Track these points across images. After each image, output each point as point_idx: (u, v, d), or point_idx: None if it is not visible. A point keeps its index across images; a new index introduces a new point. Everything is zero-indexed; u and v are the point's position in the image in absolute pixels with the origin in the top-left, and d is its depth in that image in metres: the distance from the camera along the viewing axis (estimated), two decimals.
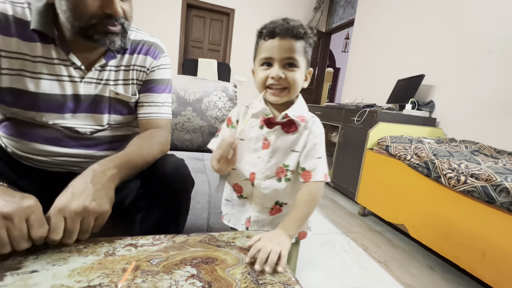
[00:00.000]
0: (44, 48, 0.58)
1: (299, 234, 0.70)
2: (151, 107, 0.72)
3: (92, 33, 0.56)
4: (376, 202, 1.71)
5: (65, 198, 0.43)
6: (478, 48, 1.83)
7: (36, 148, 0.63)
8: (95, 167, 0.51)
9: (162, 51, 0.75)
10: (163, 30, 3.69)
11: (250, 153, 0.65)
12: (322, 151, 0.63)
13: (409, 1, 2.48)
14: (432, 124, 2.04)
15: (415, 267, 1.31)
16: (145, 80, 0.72)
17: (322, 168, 0.62)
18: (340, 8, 4.06)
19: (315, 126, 0.64)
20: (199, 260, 0.44)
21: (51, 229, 0.41)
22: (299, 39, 0.58)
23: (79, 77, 0.62)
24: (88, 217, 0.43)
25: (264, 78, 0.59)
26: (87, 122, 0.66)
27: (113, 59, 0.66)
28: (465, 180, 1.12)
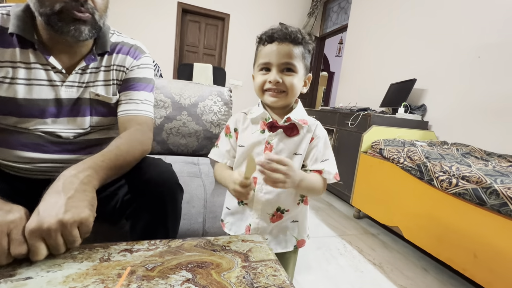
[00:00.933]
0: (22, 53, 0.58)
1: (298, 242, 0.69)
2: (129, 104, 0.70)
3: (58, 19, 0.54)
4: (370, 205, 1.73)
5: (36, 217, 0.39)
6: (467, 53, 1.89)
7: (17, 155, 0.61)
8: (66, 172, 0.47)
9: (143, 52, 0.74)
10: (159, 34, 3.70)
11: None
12: (329, 153, 0.65)
13: (401, 7, 2.54)
14: (424, 127, 2.07)
15: (409, 269, 1.32)
16: (124, 79, 0.71)
17: (331, 168, 0.63)
18: (334, 13, 4.13)
19: (318, 130, 0.65)
20: (194, 264, 0.44)
21: (30, 251, 0.38)
22: (297, 44, 0.59)
23: (60, 81, 0.62)
24: (67, 229, 0.40)
25: (262, 83, 0.61)
26: (69, 126, 0.65)
27: (94, 62, 0.65)
28: (456, 182, 1.14)
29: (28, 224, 0.39)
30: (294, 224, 0.69)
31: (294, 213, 0.68)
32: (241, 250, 0.51)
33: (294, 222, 0.68)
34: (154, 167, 0.64)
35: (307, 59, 0.62)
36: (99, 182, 0.50)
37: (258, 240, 0.55)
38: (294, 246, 0.69)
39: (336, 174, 0.63)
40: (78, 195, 0.44)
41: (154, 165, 0.64)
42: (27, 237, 0.38)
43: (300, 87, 0.62)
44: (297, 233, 0.69)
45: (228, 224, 0.72)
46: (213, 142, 1.38)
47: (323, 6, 4.27)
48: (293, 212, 0.67)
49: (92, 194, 0.47)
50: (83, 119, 0.66)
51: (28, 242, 0.38)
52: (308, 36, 0.61)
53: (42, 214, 0.40)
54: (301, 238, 0.70)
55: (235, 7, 3.95)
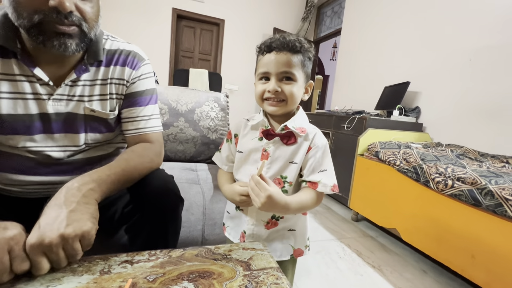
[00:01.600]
0: (4, 63, 0.52)
1: (294, 251, 0.69)
2: (138, 122, 0.67)
3: (37, 32, 0.48)
4: (368, 207, 1.74)
5: (37, 232, 0.39)
6: (459, 56, 1.92)
7: (6, 178, 0.58)
8: (70, 184, 0.47)
9: (142, 59, 0.68)
10: (154, 41, 3.70)
11: (249, 164, 0.66)
12: (327, 163, 0.63)
13: (394, 12, 2.59)
14: (419, 129, 2.10)
15: (408, 271, 1.32)
16: (126, 93, 0.66)
17: (328, 180, 0.61)
18: (327, 18, 4.18)
19: (317, 139, 0.63)
20: (196, 274, 0.44)
21: (32, 267, 0.38)
22: (295, 53, 0.59)
23: (47, 94, 0.56)
24: (69, 243, 0.40)
25: (262, 92, 0.61)
26: (60, 143, 0.60)
27: (86, 73, 0.60)
28: (452, 184, 1.15)
29: (29, 239, 0.38)
30: (291, 233, 0.68)
31: (291, 221, 0.67)
32: (242, 258, 0.50)
33: (291, 230, 0.68)
34: (157, 180, 0.63)
35: (308, 67, 0.62)
36: (101, 196, 0.50)
37: (259, 248, 0.55)
38: (290, 255, 0.68)
39: (333, 186, 0.61)
40: (80, 208, 0.44)
41: (157, 178, 0.63)
42: (29, 253, 0.38)
43: (300, 95, 0.62)
44: (293, 242, 0.68)
45: (228, 228, 0.73)
46: (210, 148, 1.38)
47: (316, 11, 4.33)
48: (289, 220, 0.66)
49: (94, 207, 0.47)
50: (77, 136, 0.62)
51: (30, 258, 0.38)
52: (308, 44, 0.61)
53: (43, 228, 0.39)
54: (298, 247, 0.69)
55: (230, 12, 3.98)
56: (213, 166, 1.32)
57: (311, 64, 0.63)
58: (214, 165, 1.36)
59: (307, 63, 0.62)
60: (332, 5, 4.04)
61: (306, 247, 0.71)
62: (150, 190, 0.60)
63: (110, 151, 0.72)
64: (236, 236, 0.70)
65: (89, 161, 0.67)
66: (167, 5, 3.71)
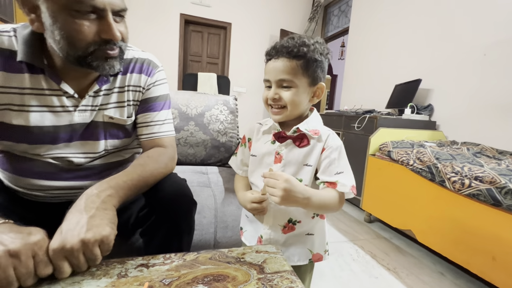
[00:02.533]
0: (33, 78, 0.55)
1: (314, 256, 0.67)
2: (152, 127, 0.69)
3: (91, 60, 0.52)
4: (381, 208, 1.71)
5: (59, 237, 0.41)
6: (473, 50, 1.87)
7: (30, 183, 0.61)
8: (89, 191, 0.49)
9: (156, 66, 0.71)
10: (163, 46, 3.77)
11: (263, 168, 0.66)
12: (344, 165, 0.61)
13: (402, 8, 2.54)
14: (432, 127, 2.05)
15: (425, 274, 1.29)
16: (142, 99, 0.69)
17: (347, 181, 0.59)
18: (334, 17, 4.15)
19: (330, 140, 0.61)
20: (210, 278, 0.44)
21: (55, 270, 0.40)
22: (294, 57, 0.57)
23: (73, 106, 0.59)
24: (89, 248, 0.41)
25: (265, 99, 0.62)
26: (81, 150, 0.63)
27: (107, 83, 0.63)
28: (469, 183, 1.12)
29: (52, 244, 0.40)
30: (309, 237, 0.67)
31: (309, 226, 0.66)
32: (256, 261, 0.50)
33: (309, 235, 0.67)
34: (171, 184, 0.64)
35: (314, 70, 0.58)
36: (118, 202, 0.52)
37: (272, 251, 0.55)
38: (309, 260, 0.67)
39: (352, 187, 0.59)
40: (99, 213, 0.45)
41: (171, 183, 0.65)
42: (52, 257, 0.39)
43: (303, 100, 0.60)
44: (312, 246, 0.67)
45: (246, 233, 0.73)
46: (220, 151, 1.39)
47: (323, 10, 4.30)
48: (306, 224, 0.65)
49: (113, 212, 0.48)
50: (97, 143, 0.64)
51: (53, 262, 0.39)
52: (313, 45, 0.58)
53: (65, 234, 0.41)
54: (317, 252, 0.68)
55: (236, 15, 4.01)
56: (223, 169, 1.33)
57: (322, 64, 0.59)
58: (224, 168, 1.37)
59: (313, 65, 0.58)
60: (339, 4, 4.01)
61: (325, 252, 0.70)
62: (164, 194, 0.61)
63: (126, 156, 0.74)
64: (253, 241, 0.70)
65: (107, 167, 0.69)
66: (175, 11, 3.77)
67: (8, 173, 0.62)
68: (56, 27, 0.48)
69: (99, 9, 0.48)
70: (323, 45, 0.60)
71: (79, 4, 0.46)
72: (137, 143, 0.77)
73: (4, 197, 0.62)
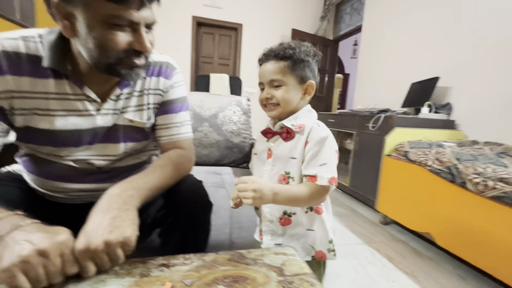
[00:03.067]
0: (57, 83, 0.56)
1: (316, 253, 0.68)
2: (171, 129, 0.71)
3: (120, 68, 0.54)
4: (398, 210, 1.66)
5: (84, 238, 0.42)
6: (493, 46, 1.79)
7: (53, 185, 0.63)
8: (111, 191, 0.51)
9: (173, 68, 0.72)
10: (176, 49, 3.83)
11: (260, 165, 0.71)
12: (327, 157, 0.61)
13: (418, 2, 2.47)
14: (451, 126, 1.98)
15: (445, 278, 1.24)
16: (161, 102, 0.70)
17: (326, 172, 0.60)
18: (347, 15, 4.08)
19: (314, 133, 0.62)
20: (230, 279, 0.44)
21: (81, 269, 0.41)
22: (281, 59, 0.63)
23: (95, 110, 0.61)
24: (112, 249, 0.42)
25: (260, 100, 0.68)
26: (102, 153, 0.64)
27: (128, 87, 0.64)
28: (493, 185, 1.07)
29: (77, 245, 0.41)
30: (310, 233, 0.68)
31: (305, 220, 0.67)
32: (275, 263, 0.50)
33: (309, 230, 0.68)
34: (188, 185, 0.65)
35: (301, 69, 0.64)
36: (139, 202, 0.53)
37: (291, 253, 0.54)
38: (312, 257, 0.68)
39: (331, 179, 0.60)
40: (121, 214, 0.47)
41: (188, 184, 0.66)
42: (78, 257, 0.41)
43: (293, 97, 0.65)
44: (313, 242, 0.68)
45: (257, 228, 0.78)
46: (233, 152, 1.39)
47: (335, 9, 4.25)
48: (302, 218, 0.67)
49: (134, 213, 0.49)
50: (117, 146, 0.65)
51: (80, 262, 0.41)
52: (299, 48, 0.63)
53: (89, 234, 0.42)
54: (319, 249, 0.68)
55: (247, 16, 4.02)
56: (237, 170, 1.33)
57: (309, 64, 0.65)
58: (238, 169, 1.37)
59: (299, 66, 0.63)
60: (351, 2, 3.94)
61: (330, 251, 0.69)
62: (182, 196, 0.62)
63: (144, 159, 0.75)
64: (257, 235, 0.74)
65: (126, 169, 0.70)
66: (187, 14, 3.83)
67: (32, 175, 0.65)
68: (90, 36, 0.49)
69: (134, 23, 0.51)
70: (310, 47, 0.66)
71: (117, 19, 0.48)
72: (154, 145, 0.78)
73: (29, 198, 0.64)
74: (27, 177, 0.67)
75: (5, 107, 0.54)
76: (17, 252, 0.37)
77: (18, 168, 0.70)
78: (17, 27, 2.22)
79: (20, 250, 0.37)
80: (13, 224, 0.41)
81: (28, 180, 0.67)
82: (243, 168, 1.42)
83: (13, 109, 0.55)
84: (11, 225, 0.41)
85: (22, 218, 0.43)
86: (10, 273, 0.35)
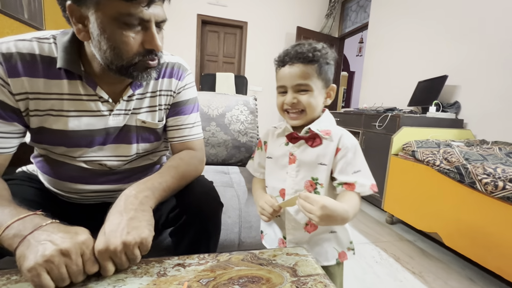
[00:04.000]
0: (71, 84, 0.57)
1: (339, 254, 0.67)
2: (183, 130, 0.71)
3: (133, 70, 0.54)
4: (405, 210, 1.66)
5: (103, 238, 0.43)
6: (503, 45, 1.76)
7: (66, 186, 0.64)
8: (127, 191, 0.51)
9: (185, 69, 0.72)
10: (181, 47, 3.84)
11: (278, 170, 0.68)
12: (360, 164, 0.61)
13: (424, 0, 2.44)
14: (460, 125, 1.96)
15: (453, 279, 1.24)
16: (172, 103, 0.71)
17: (365, 180, 0.59)
18: (352, 12, 4.05)
19: (345, 140, 0.62)
20: (245, 279, 0.45)
21: (102, 269, 0.42)
22: (309, 63, 0.59)
23: (108, 110, 0.61)
24: (130, 249, 0.43)
25: (281, 104, 0.64)
26: (115, 153, 0.65)
27: (140, 88, 0.64)
28: (503, 185, 1.06)
29: (97, 245, 0.43)
30: (332, 235, 0.67)
31: None
32: (288, 264, 0.51)
33: (332, 232, 0.67)
34: (200, 186, 0.66)
35: (326, 72, 0.62)
36: (155, 203, 0.54)
37: (303, 254, 0.55)
38: (336, 260, 0.67)
39: (372, 185, 0.60)
40: (138, 215, 0.48)
41: (200, 185, 0.67)
42: (98, 257, 0.42)
43: (319, 102, 0.62)
44: (336, 244, 0.68)
45: (266, 236, 0.74)
46: (241, 151, 1.40)
47: (341, 6, 4.21)
48: None
49: (150, 214, 0.50)
50: (129, 146, 0.66)
51: (100, 262, 0.42)
52: (324, 50, 0.61)
53: (108, 235, 0.43)
54: (341, 250, 0.68)
55: (252, 14, 4.01)
56: (244, 169, 1.34)
57: (331, 67, 0.63)
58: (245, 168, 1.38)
59: (325, 69, 0.61)
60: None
61: (350, 250, 0.69)
62: (195, 197, 0.63)
63: (155, 160, 0.76)
64: (274, 244, 0.71)
65: (137, 170, 0.71)
66: (192, 12, 3.83)
67: (46, 176, 0.66)
68: (103, 38, 0.50)
69: (145, 20, 0.50)
70: (331, 49, 0.64)
71: (128, 17, 0.48)
72: (165, 146, 0.79)
73: (45, 198, 0.66)
74: (42, 177, 0.68)
75: (21, 109, 0.55)
76: (41, 252, 0.38)
77: (33, 168, 0.71)
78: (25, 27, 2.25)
79: (43, 250, 0.38)
80: (35, 224, 0.42)
81: (42, 180, 0.68)
82: None
83: (28, 111, 0.56)
84: (32, 225, 0.42)
85: (43, 218, 0.44)
86: (35, 272, 0.37)
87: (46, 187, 0.68)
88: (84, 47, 0.56)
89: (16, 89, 0.53)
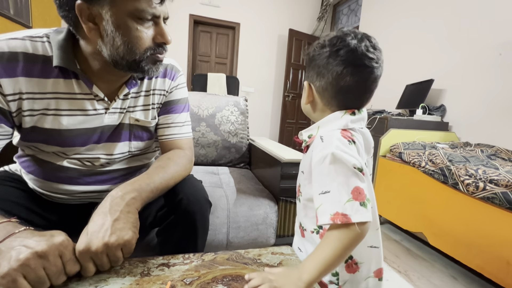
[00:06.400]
0: (66, 83, 0.56)
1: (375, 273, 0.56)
2: (173, 128, 0.72)
3: (145, 64, 0.55)
4: (392, 210, 1.69)
5: (85, 239, 0.43)
6: (487, 50, 1.83)
7: (53, 187, 0.64)
8: (114, 192, 0.51)
9: (178, 71, 0.74)
10: (172, 47, 3.77)
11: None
12: (329, 182, 0.44)
13: (414, 5, 2.50)
14: (445, 128, 2.02)
15: (437, 277, 1.27)
16: (164, 102, 0.72)
17: (328, 206, 0.43)
18: (344, 16, 4.11)
19: (316, 148, 0.49)
20: (229, 278, 0.45)
21: (82, 269, 0.42)
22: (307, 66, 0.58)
23: (104, 109, 0.61)
24: (112, 251, 0.43)
25: None
26: (108, 151, 0.65)
27: (135, 87, 0.65)
28: (484, 186, 1.10)
29: (78, 245, 0.42)
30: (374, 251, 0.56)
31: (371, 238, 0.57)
32: (273, 263, 0.52)
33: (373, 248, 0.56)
34: (189, 186, 0.66)
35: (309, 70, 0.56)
36: (141, 204, 0.53)
37: (288, 253, 0.56)
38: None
39: (335, 215, 0.41)
40: (123, 216, 0.47)
41: (189, 184, 0.67)
42: (79, 258, 0.42)
43: (304, 104, 0.59)
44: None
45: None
46: (231, 152, 1.40)
47: (332, 10, 4.27)
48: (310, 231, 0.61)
49: (135, 216, 0.50)
50: (123, 144, 0.67)
51: (81, 262, 0.42)
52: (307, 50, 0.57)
53: (91, 236, 0.43)
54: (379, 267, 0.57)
55: (245, 15, 4.02)
56: (234, 170, 1.34)
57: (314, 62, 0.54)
58: (235, 169, 1.38)
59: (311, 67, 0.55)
60: (348, 3, 3.97)
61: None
62: (183, 196, 0.63)
63: (146, 162, 0.76)
64: None
65: (127, 171, 0.71)
66: (185, 12, 3.81)
67: (33, 176, 0.64)
68: (118, 34, 0.51)
69: (156, 16, 0.53)
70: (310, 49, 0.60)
71: (142, 12, 0.50)
72: (156, 146, 0.79)
73: (28, 199, 0.64)
74: (26, 177, 0.66)
75: (11, 110, 0.53)
76: (14, 257, 0.36)
77: (15, 168, 0.70)
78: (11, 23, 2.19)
79: (17, 254, 0.37)
80: (7, 232, 0.41)
81: (27, 180, 0.67)
82: (240, 168, 1.43)
83: (21, 110, 0.54)
84: (4, 232, 0.41)
85: (16, 225, 0.43)
86: (10, 278, 0.35)
87: (31, 187, 0.66)
88: (79, 46, 0.55)
89: (8, 89, 0.51)
